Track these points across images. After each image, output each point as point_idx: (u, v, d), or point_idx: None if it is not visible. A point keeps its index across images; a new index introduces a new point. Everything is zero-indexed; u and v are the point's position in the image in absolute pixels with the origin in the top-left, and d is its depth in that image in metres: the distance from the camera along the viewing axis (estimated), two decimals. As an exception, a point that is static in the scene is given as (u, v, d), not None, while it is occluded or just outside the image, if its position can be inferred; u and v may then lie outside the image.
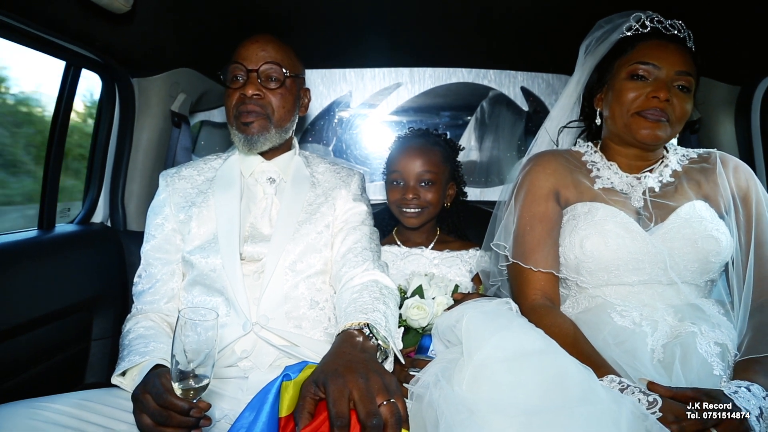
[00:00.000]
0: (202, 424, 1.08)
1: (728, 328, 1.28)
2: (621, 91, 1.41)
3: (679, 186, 1.43)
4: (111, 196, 2.05)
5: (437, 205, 1.86)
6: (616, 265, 1.33)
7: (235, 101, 1.52)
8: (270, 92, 1.52)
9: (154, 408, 1.07)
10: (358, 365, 1.03)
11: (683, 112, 1.37)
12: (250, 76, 1.50)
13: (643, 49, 1.40)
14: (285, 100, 1.54)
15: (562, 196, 1.45)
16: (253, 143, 1.53)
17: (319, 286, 1.54)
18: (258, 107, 1.50)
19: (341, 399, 0.95)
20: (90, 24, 1.55)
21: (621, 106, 1.41)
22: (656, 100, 1.35)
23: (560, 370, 1.05)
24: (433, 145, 1.88)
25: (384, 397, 0.97)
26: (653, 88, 1.36)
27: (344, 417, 0.93)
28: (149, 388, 1.10)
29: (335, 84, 2.55)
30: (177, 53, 1.99)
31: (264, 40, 1.54)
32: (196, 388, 1.04)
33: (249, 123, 1.50)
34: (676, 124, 1.39)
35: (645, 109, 1.37)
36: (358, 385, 0.97)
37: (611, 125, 1.48)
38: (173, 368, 1.02)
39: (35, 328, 1.55)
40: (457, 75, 2.55)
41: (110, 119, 2.02)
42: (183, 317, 1.02)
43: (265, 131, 1.52)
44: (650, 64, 1.38)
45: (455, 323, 1.23)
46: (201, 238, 1.52)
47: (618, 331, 1.27)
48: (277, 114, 1.53)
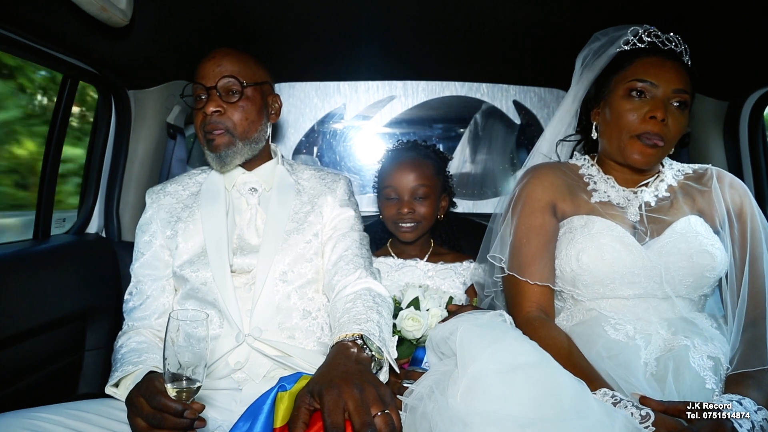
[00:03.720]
0: (197, 426, 1.07)
1: (721, 342, 1.29)
2: (619, 112, 1.41)
3: (674, 201, 1.44)
4: (106, 207, 2.06)
5: (431, 218, 1.87)
6: (611, 279, 1.34)
7: (200, 121, 1.52)
8: (230, 106, 1.51)
9: (147, 411, 1.07)
10: (353, 376, 1.04)
11: (679, 130, 1.38)
12: (210, 93, 1.50)
13: (641, 66, 1.40)
14: (246, 112, 1.53)
15: (559, 208, 1.46)
16: (222, 160, 1.53)
17: (311, 295, 1.54)
18: (219, 123, 1.50)
19: (336, 409, 0.96)
20: (87, 37, 1.57)
21: (618, 126, 1.41)
22: (653, 120, 1.35)
23: (554, 382, 1.06)
24: (425, 158, 1.89)
25: (379, 407, 0.98)
26: (650, 107, 1.36)
27: (339, 427, 0.94)
28: (142, 391, 1.10)
29: (329, 96, 2.56)
30: (173, 66, 2.01)
31: (220, 54, 1.53)
32: (189, 389, 1.04)
33: (212, 140, 1.51)
34: (671, 143, 1.39)
35: (642, 133, 1.37)
36: (353, 395, 0.98)
37: (606, 143, 1.48)
38: (165, 370, 1.02)
39: (29, 338, 1.54)
40: (450, 88, 2.56)
41: (106, 130, 2.03)
42: (174, 318, 1.02)
43: (231, 146, 1.52)
44: (647, 82, 1.37)
45: (449, 335, 1.24)
46: (189, 253, 1.52)
47: (611, 345, 1.27)
48: (240, 127, 1.52)
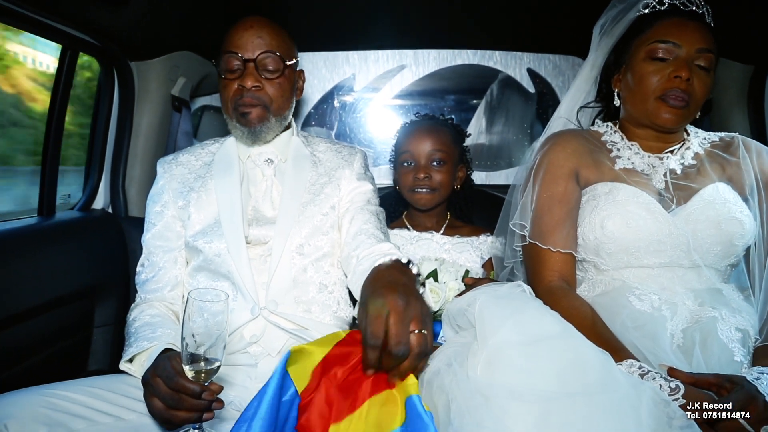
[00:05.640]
0: (215, 407, 1.07)
1: (749, 314, 1.26)
2: (641, 75, 1.37)
3: (701, 168, 1.40)
4: (112, 182, 2.03)
5: (448, 186, 1.86)
6: (636, 247, 1.30)
7: (233, 93, 1.48)
8: (268, 82, 1.47)
9: (165, 391, 1.05)
10: (399, 286, 1.01)
11: (704, 92, 1.34)
12: (248, 66, 1.45)
13: (662, 28, 1.36)
14: (283, 89, 1.50)
15: (582, 176, 1.42)
16: (256, 135, 1.50)
17: (327, 269, 1.52)
18: (256, 98, 1.46)
19: (378, 318, 0.94)
20: (87, 7, 1.52)
21: (642, 90, 1.37)
22: (678, 80, 1.32)
23: (578, 354, 1.03)
24: (442, 126, 1.89)
25: (417, 326, 0.96)
26: (674, 67, 1.32)
27: (378, 337, 0.94)
28: (160, 371, 1.08)
29: (338, 67, 2.51)
30: (176, 36, 1.96)
31: (259, 25, 1.48)
32: (207, 370, 1.02)
33: (247, 114, 1.47)
34: (697, 104, 1.35)
35: (667, 91, 1.33)
36: (396, 306, 0.96)
37: (630, 108, 1.44)
38: (184, 351, 1.01)
39: (37, 316, 1.53)
40: (462, 57, 2.50)
41: (109, 104, 1.99)
42: (192, 299, 1.00)
43: (265, 120, 1.49)
44: (670, 42, 1.34)
45: (467, 307, 1.20)
46: (202, 223, 1.49)
47: (636, 315, 1.24)
48: (275, 104, 1.49)
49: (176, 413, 1.05)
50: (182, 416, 1.06)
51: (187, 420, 1.06)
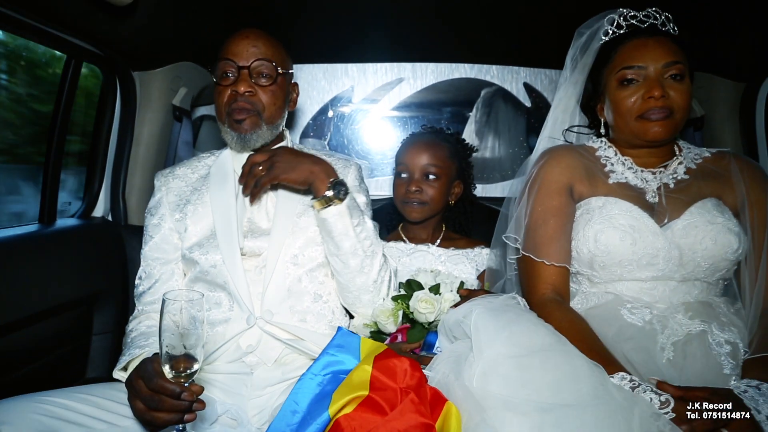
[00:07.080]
0: (196, 408, 1.07)
1: (739, 327, 1.27)
2: (617, 101, 1.41)
3: (693, 183, 1.42)
4: (112, 191, 2.04)
5: (439, 201, 1.85)
6: (629, 260, 1.32)
7: (227, 99, 1.50)
8: (261, 89, 1.50)
9: (145, 392, 1.06)
10: None
11: (684, 98, 1.36)
12: (241, 72, 1.48)
13: (625, 53, 1.40)
14: (276, 97, 1.52)
15: (576, 190, 1.44)
16: (246, 141, 1.52)
17: (321, 279, 1.53)
18: (249, 104, 1.48)
19: None
20: (91, 17, 1.54)
21: (622, 115, 1.41)
22: (652, 99, 1.35)
23: (571, 366, 1.05)
24: (441, 141, 1.89)
25: None
26: (646, 89, 1.36)
27: None
28: (141, 373, 1.10)
29: (337, 79, 2.53)
30: (178, 47, 1.98)
31: (254, 35, 1.51)
32: (186, 370, 1.03)
33: (241, 120, 1.49)
34: (681, 113, 1.37)
35: (646, 111, 1.36)
36: None
37: (617, 133, 1.47)
38: (162, 352, 1.01)
39: (36, 323, 1.54)
40: (459, 70, 2.53)
41: (111, 113, 2.00)
42: (168, 300, 1.00)
43: (257, 128, 1.51)
44: (634, 67, 1.37)
45: (463, 318, 1.22)
46: (198, 235, 1.51)
47: (628, 329, 1.26)
48: (267, 111, 1.51)
49: (157, 414, 1.06)
50: (163, 417, 1.06)
51: (168, 421, 1.06)
